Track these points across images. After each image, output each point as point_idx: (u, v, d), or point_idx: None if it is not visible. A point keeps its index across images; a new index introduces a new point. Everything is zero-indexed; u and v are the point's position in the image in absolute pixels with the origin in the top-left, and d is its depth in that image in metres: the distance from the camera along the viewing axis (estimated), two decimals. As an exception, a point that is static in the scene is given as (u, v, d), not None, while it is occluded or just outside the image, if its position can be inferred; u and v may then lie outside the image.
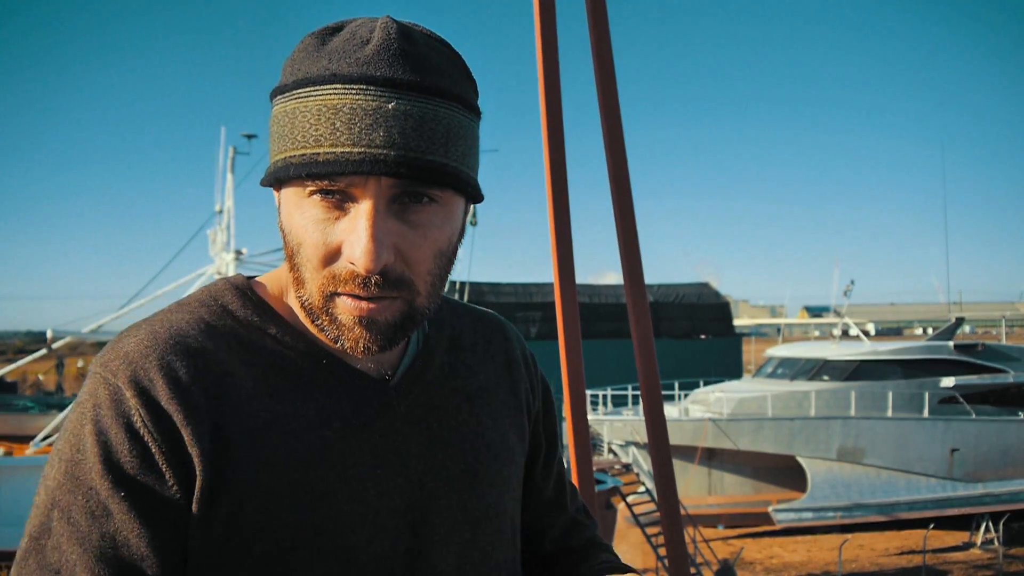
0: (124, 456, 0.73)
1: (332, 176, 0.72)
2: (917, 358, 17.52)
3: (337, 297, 0.76)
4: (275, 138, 0.77)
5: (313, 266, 0.76)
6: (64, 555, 0.72)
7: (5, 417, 18.65)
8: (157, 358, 0.76)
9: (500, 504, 0.91)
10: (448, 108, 0.75)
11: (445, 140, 0.74)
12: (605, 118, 3.16)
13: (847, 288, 20.78)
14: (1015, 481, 16.47)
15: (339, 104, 0.71)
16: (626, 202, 3.19)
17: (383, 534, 0.80)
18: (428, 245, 0.76)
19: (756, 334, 65.01)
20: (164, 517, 0.73)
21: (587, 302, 28.14)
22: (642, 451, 16.55)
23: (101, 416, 0.74)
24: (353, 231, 0.73)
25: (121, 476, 0.72)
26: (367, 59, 0.72)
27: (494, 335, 1.01)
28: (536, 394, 1.03)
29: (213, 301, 0.84)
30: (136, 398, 0.74)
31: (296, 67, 0.76)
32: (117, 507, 0.72)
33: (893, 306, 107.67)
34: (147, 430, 0.73)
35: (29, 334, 64.21)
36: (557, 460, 1.08)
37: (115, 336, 0.81)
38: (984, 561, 14.31)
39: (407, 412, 0.85)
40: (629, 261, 3.21)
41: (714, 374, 25.91)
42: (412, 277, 0.76)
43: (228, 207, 16.76)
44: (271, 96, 0.80)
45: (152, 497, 0.73)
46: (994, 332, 48.23)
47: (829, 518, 15.88)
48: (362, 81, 0.71)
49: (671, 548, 3.05)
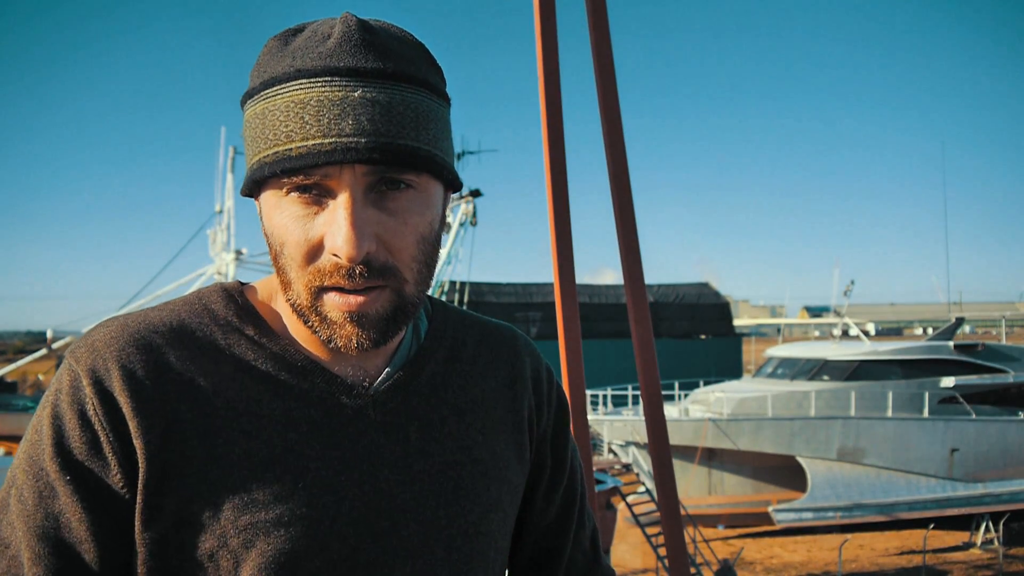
0: (74, 441, 0.75)
1: (306, 169, 0.72)
2: (917, 358, 17.51)
3: (324, 294, 0.76)
4: (249, 143, 0.77)
5: (297, 264, 0.76)
6: (14, 531, 0.75)
7: (5, 417, 18.65)
8: (118, 350, 0.78)
9: (484, 524, 0.88)
10: (415, 93, 0.75)
11: (415, 124, 0.74)
12: (605, 118, 3.16)
13: (847, 288, 20.78)
14: (1015, 481, 16.46)
15: (306, 98, 0.72)
16: (626, 202, 3.18)
17: (339, 542, 0.79)
18: (409, 231, 0.76)
19: (756, 334, 64.99)
20: (106, 503, 0.75)
21: (587, 302, 28.14)
22: (642, 451, 16.55)
23: (60, 401, 0.77)
24: (333, 223, 0.73)
25: (69, 460, 0.75)
26: (329, 52, 0.73)
27: (502, 349, 0.98)
28: (545, 413, 1.00)
29: (197, 301, 0.85)
30: (91, 387, 0.76)
31: (262, 70, 0.77)
32: (62, 489, 0.74)
33: (893, 306, 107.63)
34: (97, 419, 0.75)
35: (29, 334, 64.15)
36: (565, 488, 1.03)
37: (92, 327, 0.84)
38: (984, 561, 14.31)
39: (382, 420, 0.84)
40: (629, 261, 3.21)
41: (714, 374, 25.91)
42: (397, 264, 0.76)
43: (228, 207, 16.76)
44: (241, 104, 0.80)
45: (96, 483, 0.75)
46: (994, 332, 48.23)
47: (829, 518, 15.87)
48: (326, 73, 0.72)
49: (671, 548, 3.05)
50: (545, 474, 1.00)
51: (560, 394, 1.04)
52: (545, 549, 1.03)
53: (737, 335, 33.02)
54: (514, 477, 0.93)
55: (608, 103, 3.22)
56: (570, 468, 1.04)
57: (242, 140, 0.80)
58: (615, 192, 3.25)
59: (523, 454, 0.95)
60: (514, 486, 0.93)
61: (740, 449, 16.32)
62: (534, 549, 1.02)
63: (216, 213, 17.02)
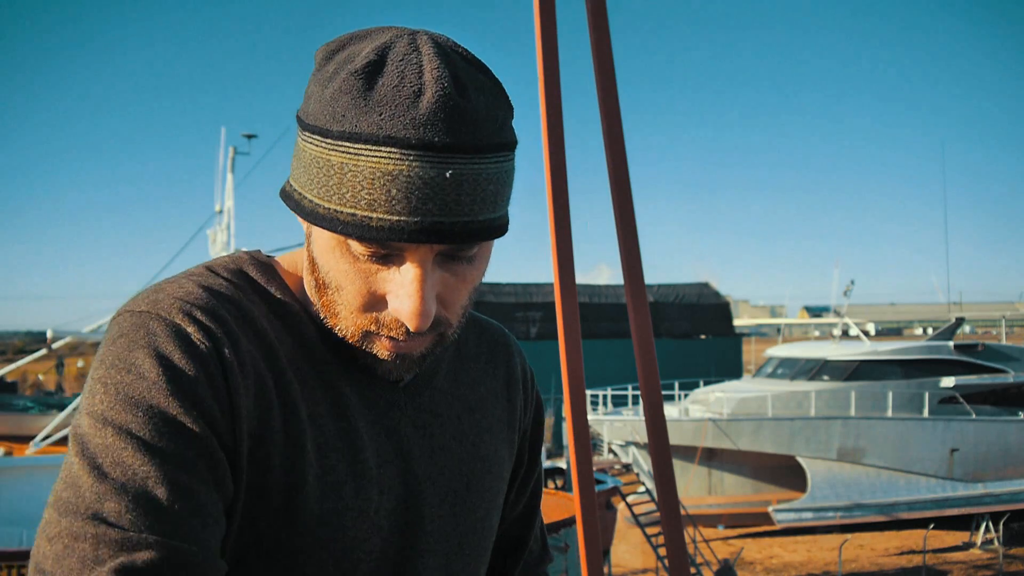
0: (195, 381, 0.68)
1: (385, 242, 0.70)
2: (917, 358, 17.52)
3: (376, 337, 0.76)
4: (314, 178, 0.72)
5: (354, 308, 0.75)
6: (129, 469, 0.64)
7: (5, 417, 18.63)
8: (208, 303, 0.73)
9: (487, 520, 0.90)
10: (499, 160, 0.72)
11: (495, 195, 0.72)
12: (605, 118, 3.16)
13: (847, 288, 20.78)
14: (1015, 481, 16.47)
15: (395, 171, 0.67)
16: (626, 202, 3.19)
17: (379, 533, 0.79)
18: (466, 288, 0.77)
19: (756, 334, 65.01)
20: (228, 452, 0.70)
21: (587, 302, 28.14)
22: (642, 451, 16.56)
23: (159, 343, 0.69)
24: (402, 287, 0.72)
25: (193, 398, 0.67)
26: (423, 120, 0.67)
27: (497, 348, 1.00)
28: (528, 412, 1.02)
29: (239, 270, 0.81)
30: (199, 333, 0.70)
31: (340, 114, 0.69)
32: (192, 423, 0.67)
33: (893, 306, 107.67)
34: (215, 364, 0.69)
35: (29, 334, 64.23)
36: (535, 479, 1.07)
37: (147, 288, 0.77)
38: (984, 561, 14.31)
39: (413, 415, 0.85)
40: (629, 261, 3.21)
41: (714, 374, 25.91)
42: (448, 316, 0.77)
43: (228, 207, 16.76)
44: (301, 123, 0.74)
45: (215, 428, 0.69)
46: (994, 332, 48.23)
47: (829, 518, 15.88)
48: (420, 147, 0.67)
49: (671, 548, 3.05)
50: (522, 469, 1.03)
51: (538, 393, 1.07)
52: (512, 538, 1.06)
53: (737, 335, 33.03)
54: (507, 474, 0.96)
55: (608, 103, 3.22)
56: (539, 464, 1.08)
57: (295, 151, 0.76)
58: (615, 192, 3.25)
59: (513, 450, 0.98)
60: (506, 482, 0.96)
61: (740, 449, 16.32)
62: (502, 539, 1.05)
63: (216, 213, 17.02)
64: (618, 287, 29.04)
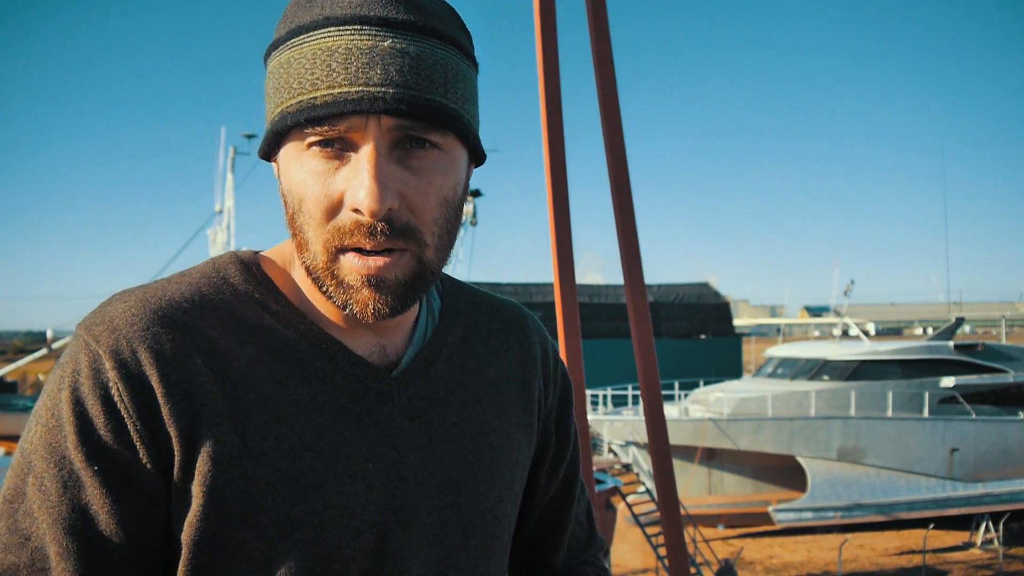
0: (100, 429, 0.71)
1: (331, 118, 0.69)
2: (917, 358, 17.51)
3: (342, 256, 0.73)
4: (271, 95, 0.75)
5: (316, 222, 0.73)
6: (35, 523, 0.71)
7: (5, 417, 18.64)
8: (143, 328, 0.73)
9: (499, 508, 0.87)
10: (445, 50, 0.73)
11: (444, 81, 0.72)
12: (605, 118, 3.16)
13: (847, 288, 20.77)
14: (1015, 481, 16.45)
15: (334, 46, 0.70)
16: (626, 202, 3.19)
17: (370, 530, 0.77)
18: (433, 191, 0.74)
19: (756, 334, 64.98)
20: (136, 493, 0.71)
21: (587, 302, 28.14)
22: (642, 451, 16.55)
23: (79, 384, 0.72)
24: (355, 176, 0.70)
25: (95, 449, 0.70)
26: (359, 1, 0.71)
27: (512, 327, 0.97)
28: (551, 392, 0.99)
29: (215, 273, 0.81)
30: (115, 370, 0.71)
31: (288, 20, 0.74)
32: (89, 480, 0.70)
33: (893, 306, 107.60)
34: (123, 404, 0.71)
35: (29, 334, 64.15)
36: (568, 461, 1.03)
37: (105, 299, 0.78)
38: (984, 561, 14.30)
39: (407, 405, 0.82)
40: (629, 261, 3.21)
41: (714, 374, 25.90)
42: (418, 225, 0.73)
43: (228, 207, 16.76)
44: (265, 59, 0.77)
45: (125, 473, 0.71)
46: (994, 332, 48.21)
47: (829, 518, 15.87)
48: (356, 21, 0.70)
49: (671, 548, 3.04)
50: (549, 451, 1.00)
51: (564, 372, 1.03)
52: (547, 524, 1.03)
53: (737, 335, 33.00)
54: (524, 459, 0.93)
55: (608, 103, 3.22)
56: (572, 445, 1.04)
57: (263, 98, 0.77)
58: (615, 192, 3.25)
59: (531, 435, 0.95)
60: (524, 468, 0.93)
61: (740, 449, 16.31)
62: (537, 525, 1.03)
63: (216, 213, 17.03)
64: (618, 287, 29.03)
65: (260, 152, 0.79)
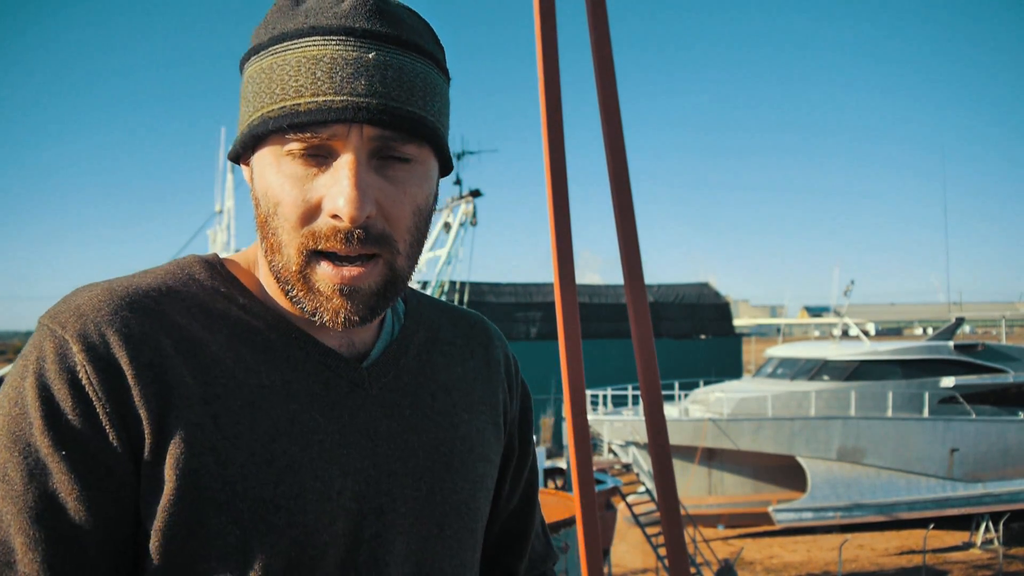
0: (67, 413, 0.69)
1: (315, 125, 0.70)
2: (917, 358, 17.52)
3: (316, 263, 0.74)
4: (249, 99, 0.75)
5: (291, 225, 0.73)
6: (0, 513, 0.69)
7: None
8: (111, 312, 0.73)
9: (472, 502, 0.88)
10: (424, 64, 0.75)
11: (424, 94, 0.74)
12: (605, 118, 3.16)
13: (847, 288, 20.78)
14: (1015, 481, 16.47)
15: (319, 55, 0.71)
16: (626, 202, 3.19)
17: (345, 516, 0.77)
18: (408, 201, 0.76)
19: (756, 334, 65.01)
20: (106, 478, 0.70)
21: (587, 302, 28.15)
22: (642, 451, 16.55)
23: (45, 370, 0.70)
24: (335, 183, 0.72)
25: (62, 435, 0.69)
26: (345, 13, 0.73)
27: (474, 332, 0.99)
28: (514, 398, 1.01)
29: (180, 271, 0.81)
30: (83, 353, 0.70)
31: (271, 27, 0.75)
32: (56, 466, 0.69)
33: (893, 306, 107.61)
34: (92, 388, 0.70)
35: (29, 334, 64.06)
36: (529, 469, 1.05)
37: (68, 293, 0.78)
38: (984, 561, 14.31)
39: (379, 395, 0.83)
40: (629, 261, 3.21)
41: (714, 374, 25.91)
42: (392, 233, 0.75)
43: (228, 207, 16.77)
44: (242, 63, 0.78)
45: (94, 459, 0.70)
46: (994, 332, 48.22)
47: (829, 518, 15.88)
48: (342, 32, 0.72)
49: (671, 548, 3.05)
50: (513, 457, 1.01)
51: (523, 381, 1.05)
52: (511, 532, 1.04)
53: (737, 335, 33.02)
54: (494, 456, 0.94)
55: (608, 103, 3.22)
56: (533, 454, 1.06)
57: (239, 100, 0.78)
58: (615, 192, 3.26)
59: (500, 435, 0.96)
60: (494, 465, 0.94)
61: (740, 449, 16.32)
62: (500, 532, 1.03)
63: (216, 213, 17.05)
64: (618, 287, 29.05)
65: (231, 154, 0.80)
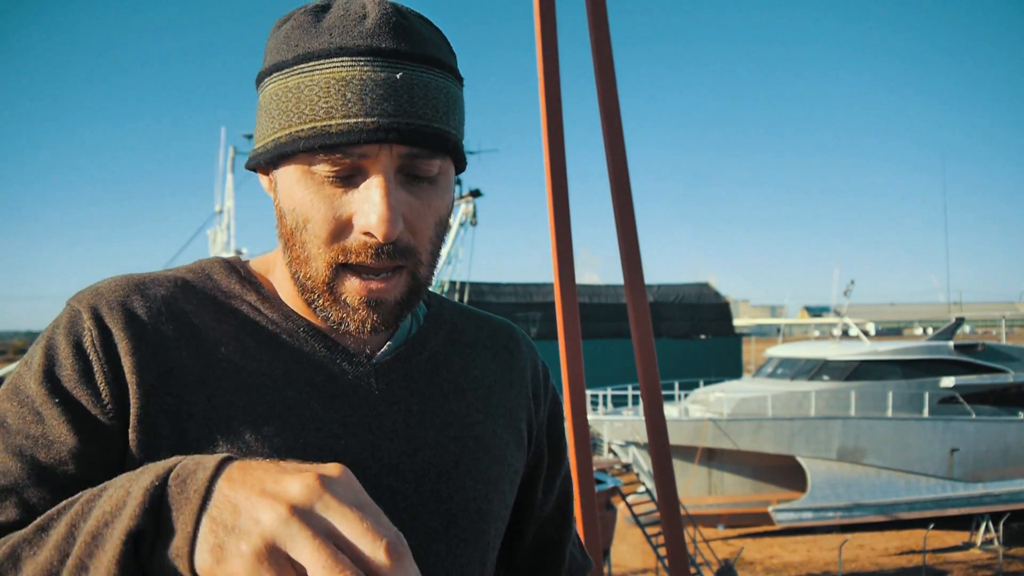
0: (66, 369, 0.74)
1: (347, 146, 0.72)
2: (917, 358, 17.50)
3: (345, 276, 0.76)
4: (274, 116, 0.76)
5: (322, 240, 0.76)
6: None
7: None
8: (123, 294, 0.79)
9: (484, 502, 0.87)
10: (445, 78, 0.77)
11: (446, 109, 0.76)
12: (605, 118, 3.16)
13: (847, 288, 20.78)
14: (1015, 481, 16.46)
15: (348, 76, 0.72)
16: (626, 202, 3.19)
17: None
18: (431, 214, 0.78)
19: (756, 334, 65.00)
20: (93, 431, 0.73)
21: (587, 302, 28.14)
22: (642, 451, 16.54)
23: (55, 335, 0.77)
24: (367, 201, 0.74)
25: (57, 386, 0.74)
26: (370, 32, 0.74)
27: (499, 336, 0.99)
28: (542, 404, 1.00)
29: (199, 268, 0.86)
30: (91, 320, 0.76)
31: (293, 44, 0.76)
32: (48, 412, 0.73)
33: (893, 306, 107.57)
34: (94, 349, 0.75)
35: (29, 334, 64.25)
36: (562, 478, 1.04)
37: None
38: (984, 561, 14.30)
39: (385, 392, 0.84)
40: (629, 261, 3.21)
41: (714, 374, 25.90)
42: (416, 245, 0.78)
43: (228, 207, 16.78)
44: (261, 78, 0.79)
45: (84, 411, 0.73)
46: (994, 332, 48.21)
47: (829, 518, 15.87)
48: (369, 53, 0.73)
49: (671, 548, 3.04)
50: (543, 464, 1.01)
51: (554, 388, 1.05)
52: (546, 540, 1.04)
53: (737, 335, 33.00)
54: (514, 461, 0.93)
55: (608, 103, 3.22)
56: (566, 463, 1.06)
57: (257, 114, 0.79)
58: (615, 192, 3.25)
59: (521, 440, 0.95)
60: (514, 470, 0.93)
61: (740, 449, 16.31)
62: (536, 540, 1.03)
63: (216, 213, 17.06)
64: (618, 287, 29.03)
65: (249, 164, 0.82)
